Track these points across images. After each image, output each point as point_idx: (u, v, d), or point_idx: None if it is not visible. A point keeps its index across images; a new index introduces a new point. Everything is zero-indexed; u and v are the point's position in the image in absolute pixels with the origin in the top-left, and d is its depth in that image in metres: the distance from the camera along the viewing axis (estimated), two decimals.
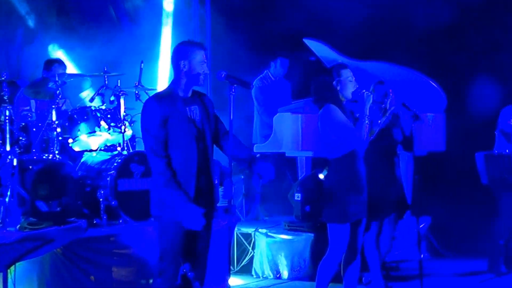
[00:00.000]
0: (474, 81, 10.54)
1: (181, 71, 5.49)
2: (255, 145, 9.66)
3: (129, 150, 8.45)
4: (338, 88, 6.46)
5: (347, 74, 6.47)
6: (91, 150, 8.42)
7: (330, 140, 6.43)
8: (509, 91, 8.73)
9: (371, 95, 6.45)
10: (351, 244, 6.51)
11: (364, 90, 6.45)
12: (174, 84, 5.55)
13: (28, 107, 8.62)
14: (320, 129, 6.50)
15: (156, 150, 5.33)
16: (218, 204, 6.06)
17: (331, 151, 6.46)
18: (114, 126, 8.42)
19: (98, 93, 8.69)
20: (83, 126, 8.37)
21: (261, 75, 10.28)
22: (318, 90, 6.58)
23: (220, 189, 8.00)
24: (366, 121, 6.37)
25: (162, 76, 11.60)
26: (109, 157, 8.11)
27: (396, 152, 7.51)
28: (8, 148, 7.47)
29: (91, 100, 8.82)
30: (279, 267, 8.65)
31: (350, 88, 6.46)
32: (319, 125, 6.50)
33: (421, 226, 9.04)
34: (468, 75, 10.68)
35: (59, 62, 8.98)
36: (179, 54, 5.53)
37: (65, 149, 8.27)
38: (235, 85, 5.64)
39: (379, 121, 7.22)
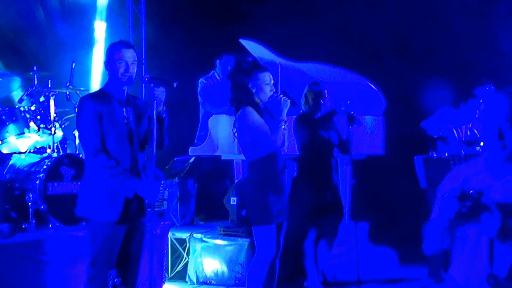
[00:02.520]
0: (413, 84, 10.59)
1: (113, 71, 5.49)
2: (190, 148, 9.49)
3: (59, 152, 8.34)
4: (254, 91, 6.38)
5: (264, 77, 6.41)
6: (19, 152, 8.30)
7: (247, 143, 6.41)
8: (448, 94, 8.75)
9: (289, 100, 6.38)
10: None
11: (281, 95, 6.40)
12: (108, 85, 5.57)
13: None
14: (237, 132, 6.48)
15: (94, 144, 5.33)
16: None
17: (248, 154, 6.44)
18: (44, 128, 8.28)
19: (27, 94, 8.53)
20: (11, 128, 8.19)
21: (207, 74, 10.22)
22: (235, 92, 6.52)
23: None
24: (284, 126, 6.30)
25: (95, 77, 11.45)
26: (38, 159, 7.98)
27: (332, 155, 7.46)
28: None
29: (20, 100, 8.63)
30: (215, 273, 8.52)
31: (266, 92, 6.38)
32: (236, 128, 6.47)
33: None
34: (407, 79, 10.74)
35: None
36: (111, 54, 5.53)
37: None
38: (160, 86, 5.59)
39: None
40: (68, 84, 8.68)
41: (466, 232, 3.69)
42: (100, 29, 11.69)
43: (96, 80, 11.35)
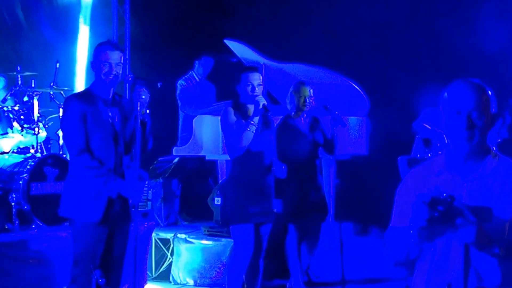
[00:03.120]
0: (397, 85, 10.62)
1: (99, 72, 5.48)
2: (174, 148, 9.48)
3: (43, 153, 8.33)
4: (240, 90, 6.41)
5: (253, 77, 6.39)
6: (3, 153, 8.25)
7: (226, 142, 6.56)
8: (431, 94, 8.77)
9: (262, 103, 6.36)
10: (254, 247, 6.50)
11: (258, 96, 6.36)
12: (94, 85, 5.57)
13: None
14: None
15: (78, 144, 5.34)
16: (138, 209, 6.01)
17: (228, 153, 6.53)
18: (27, 128, 8.27)
19: (10, 94, 8.50)
20: None
21: (185, 76, 10.19)
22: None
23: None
24: (252, 129, 6.29)
25: (80, 77, 11.42)
26: (21, 159, 7.95)
27: (317, 155, 7.48)
28: None
29: (4, 100, 8.60)
30: (199, 273, 8.50)
31: (248, 92, 6.36)
32: None
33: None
34: (391, 79, 10.75)
35: None
36: (97, 55, 5.53)
37: None
38: (144, 87, 5.60)
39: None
40: (52, 84, 8.67)
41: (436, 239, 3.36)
42: (84, 29, 11.66)
43: (80, 80, 11.33)
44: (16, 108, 8.32)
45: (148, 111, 5.63)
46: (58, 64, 8.82)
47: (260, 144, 6.40)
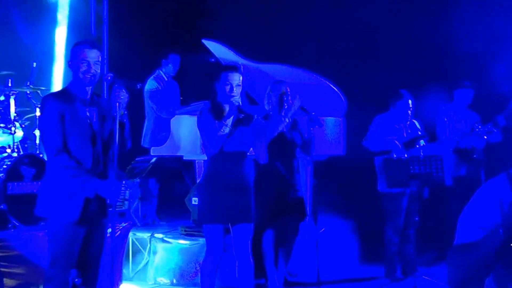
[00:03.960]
0: (374, 85, 10.67)
1: (77, 71, 5.48)
2: (152, 148, 9.48)
3: (20, 152, 8.29)
4: (217, 90, 6.43)
5: (233, 77, 6.41)
6: None
7: (202, 142, 6.63)
8: (392, 98, 8.84)
9: (237, 104, 6.43)
10: (236, 248, 6.55)
11: (235, 97, 6.40)
12: (72, 84, 5.56)
13: None
14: None
15: (56, 144, 5.33)
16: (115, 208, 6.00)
17: (205, 152, 6.58)
18: (3, 127, 8.23)
19: None
20: None
21: (153, 75, 10.08)
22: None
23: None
24: (225, 130, 6.35)
25: (57, 76, 11.38)
26: None
27: (294, 155, 7.48)
28: None
29: None
30: (175, 273, 8.52)
31: (225, 92, 6.38)
32: None
33: (321, 231, 9.06)
34: (368, 80, 10.80)
35: None
36: (74, 54, 5.53)
37: None
38: (122, 88, 5.63)
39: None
40: (28, 84, 8.64)
41: None
42: (61, 28, 11.62)
43: (57, 80, 11.28)
44: None
45: (126, 112, 5.65)
46: (35, 64, 8.82)
47: (234, 144, 6.41)
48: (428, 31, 10.65)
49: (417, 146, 8.38)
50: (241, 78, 6.45)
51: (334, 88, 9.30)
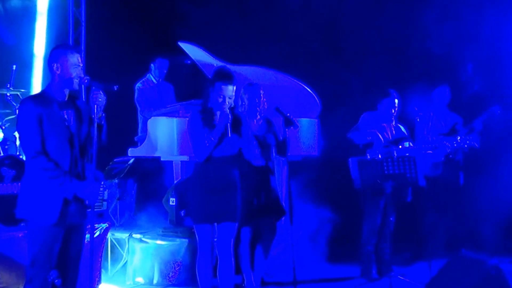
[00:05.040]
0: (348, 87, 10.78)
1: (55, 74, 5.54)
2: (130, 149, 9.53)
3: (0, 154, 8.35)
4: (209, 97, 6.59)
5: (220, 89, 6.55)
6: None
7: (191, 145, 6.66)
8: (381, 95, 8.93)
9: (228, 116, 6.52)
10: (219, 246, 6.70)
11: (225, 109, 6.52)
12: (49, 87, 5.61)
13: None
14: None
15: (34, 147, 5.38)
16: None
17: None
18: None
19: None
20: None
21: (142, 79, 10.28)
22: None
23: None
24: (211, 143, 6.52)
25: (37, 78, 11.37)
26: None
27: (270, 157, 7.56)
28: None
29: None
30: (154, 273, 8.55)
31: (218, 101, 6.52)
32: None
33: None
34: (341, 81, 10.89)
35: None
36: (53, 57, 5.58)
37: None
38: (100, 90, 5.65)
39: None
40: (9, 86, 8.69)
41: None
42: (41, 31, 11.63)
43: (37, 82, 11.28)
44: None
45: (103, 114, 5.70)
46: (14, 67, 8.86)
47: (223, 150, 6.58)
48: (399, 33, 10.72)
49: (401, 147, 8.50)
50: (234, 88, 6.59)
51: (308, 89, 9.39)
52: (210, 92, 6.57)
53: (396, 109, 8.75)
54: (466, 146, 8.96)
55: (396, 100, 8.71)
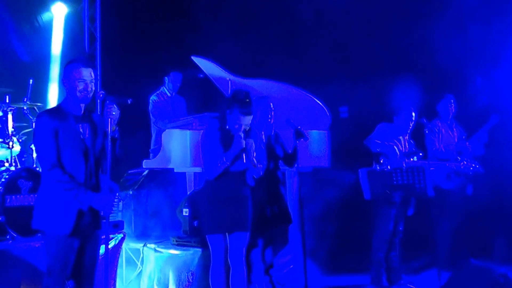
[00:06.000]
0: (358, 99, 10.82)
1: (70, 88, 5.61)
2: (144, 161, 9.66)
3: (17, 166, 8.38)
4: (227, 118, 6.68)
5: (238, 117, 6.64)
6: None
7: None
8: (389, 109, 8.98)
9: (241, 140, 6.60)
10: (231, 255, 6.78)
11: (241, 133, 6.62)
12: (65, 101, 5.69)
13: None
14: None
15: (50, 159, 5.46)
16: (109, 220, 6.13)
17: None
18: (2, 142, 8.33)
19: None
20: None
21: (157, 91, 10.38)
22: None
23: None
24: (223, 165, 6.60)
25: (53, 92, 11.53)
26: None
27: (278, 167, 7.66)
28: None
29: None
30: (168, 282, 8.58)
31: (234, 127, 6.65)
32: None
33: None
34: (352, 93, 10.95)
35: None
36: (69, 71, 5.64)
37: None
38: (114, 104, 5.78)
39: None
40: (25, 100, 8.75)
41: None
42: (57, 46, 11.77)
43: (53, 96, 11.40)
44: None
45: (117, 127, 5.83)
46: (31, 81, 8.92)
47: (236, 166, 6.67)
48: (408, 46, 10.79)
49: (412, 159, 8.57)
50: (251, 117, 6.69)
51: (319, 102, 9.48)
52: (227, 115, 6.66)
53: (414, 122, 8.81)
54: (471, 170, 9.07)
55: (413, 114, 8.78)
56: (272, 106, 7.63)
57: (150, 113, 10.29)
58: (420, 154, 8.69)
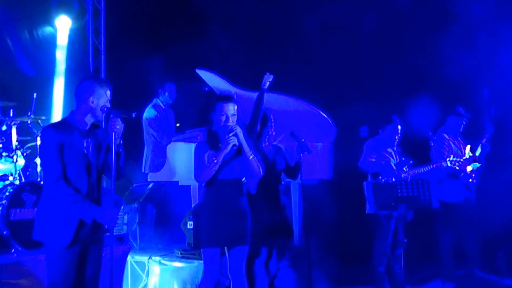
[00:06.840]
0: (361, 111, 10.82)
1: (85, 105, 5.68)
2: (149, 174, 9.67)
3: (21, 180, 8.42)
4: (213, 119, 6.62)
5: (221, 108, 6.56)
6: None
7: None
8: (382, 123, 9.00)
9: (234, 138, 6.49)
10: (232, 269, 6.71)
11: (231, 136, 6.50)
12: (72, 115, 5.73)
13: None
14: None
15: (56, 172, 5.49)
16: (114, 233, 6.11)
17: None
18: (6, 156, 8.37)
19: None
20: None
21: (151, 104, 10.26)
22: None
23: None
24: (214, 167, 6.48)
25: (57, 106, 11.53)
26: (1, 186, 8.06)
27: (280, 180, 7.65)
28: None
29: None
30: None
31: (221, 122, 6.56)
32: None
33: None
34: (357, 107, 10.95)
35: None
36: (86, 89, 5.71)
37: None
38: (118, 117, 5.78)
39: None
40: (29, 114, 8.80)
41: None
42: (61, 60, 11.78)
43: (57, 110, 11.42)
44: None
45: (121, 142, 5.81)
46: (35, 95, 8.96)
47: (229, 173, 6.56)
48: (416, 59, 10.78)
49: (405, 169, 8.59)
50: (236, 107, 6.57)
51: (324, 114, 9.50)
52: (213, 116, 6.59)
53: (400, 135, 8.81)
54: (470, 183, 9.11)
55: (399, 126, 8.78)
56: (272, 118, 7.63)
57: (148, 127, 10.15)
58: (411, 162, 8.70)
